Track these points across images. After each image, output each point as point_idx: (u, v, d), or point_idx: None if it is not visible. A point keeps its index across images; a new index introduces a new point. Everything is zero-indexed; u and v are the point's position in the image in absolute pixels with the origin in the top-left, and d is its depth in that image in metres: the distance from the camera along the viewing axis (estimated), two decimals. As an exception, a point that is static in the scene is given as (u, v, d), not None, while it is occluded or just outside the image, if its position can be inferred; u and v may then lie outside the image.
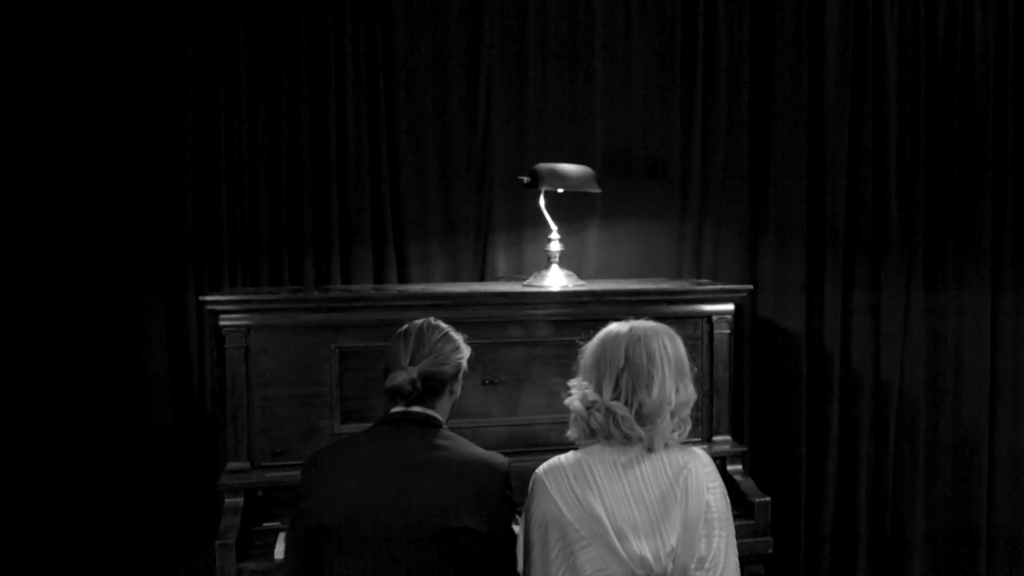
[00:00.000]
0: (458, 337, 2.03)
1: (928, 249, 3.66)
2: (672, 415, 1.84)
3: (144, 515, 3.19)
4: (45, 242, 3.11)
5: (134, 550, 3.19)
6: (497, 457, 1.95)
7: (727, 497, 1.87)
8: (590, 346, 1.90)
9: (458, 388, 2.05)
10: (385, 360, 1.99)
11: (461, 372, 2.03)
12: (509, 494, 1.92)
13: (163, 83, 3.15)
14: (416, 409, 1.95)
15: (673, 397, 1.83)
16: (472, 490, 1.86)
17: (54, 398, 3.14)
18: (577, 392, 1.88)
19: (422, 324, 2.00)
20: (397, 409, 1.96)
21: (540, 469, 1.86)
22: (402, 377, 1.92)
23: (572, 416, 1.89)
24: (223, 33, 3.17)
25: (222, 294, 2.73)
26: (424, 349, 1.95)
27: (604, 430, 1.83)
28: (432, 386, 1.95)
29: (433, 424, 1.96)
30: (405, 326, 2.01)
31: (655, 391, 1.81)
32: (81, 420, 3.16)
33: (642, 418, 1.81)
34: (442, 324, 2.02)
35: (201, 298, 2.72)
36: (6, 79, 3.06)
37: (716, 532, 1.80)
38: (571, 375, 1.94)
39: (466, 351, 2.04)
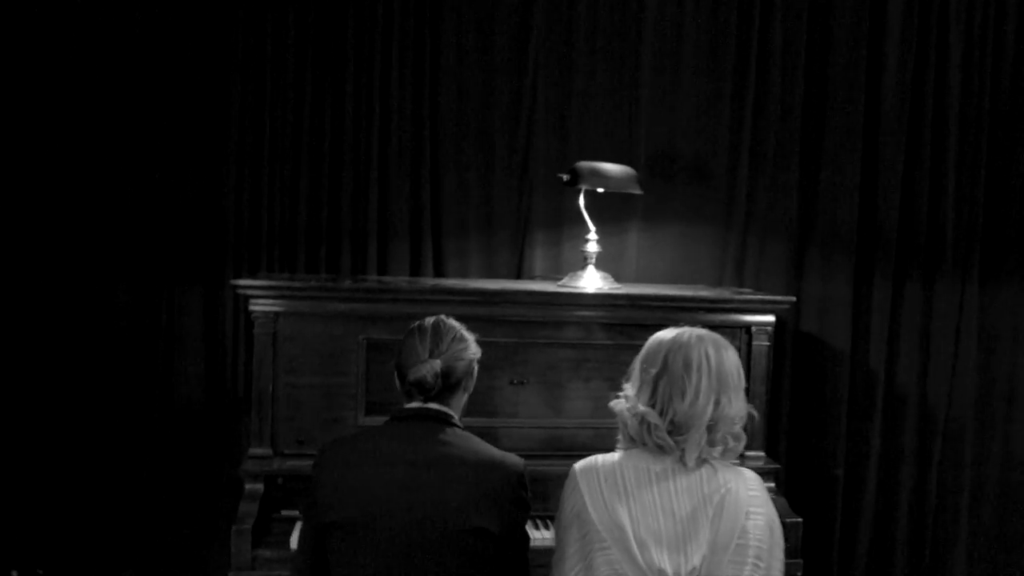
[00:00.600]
0: (469, 336, 2.01)
1: (984, 269, 3.51)
2: (710, 429, 1.75)
3: (174, 497, 3.23)
4: (89, 227, 3.17)
5: (161, 531, 3.23)
6: (512, 458, 1.91)
7: (776, 526, 1.76)
8: (641, 352, 1.85)
9: (471, 385, 2.03)
10: (398, 356, 1.96)
11: (474, 370, 2.02)
12: (523, 495, 1.88)
13: (210, 74, 3.18)
14: (432, 406, 1.93)
15: (709, 409, 1.74)
16: (485, 490, 1.82)
17: (90, 379, 3.18)
18: (623, 396, 1.83)
19: (436, 321, 1.99)
20: (413, 404, 1.94)
21: (577, 465, 1.81)
22: (425, 369, 1.89)
23: (619, 420, 1.84)
24: (272, 24, 3.19)
25: (254, 279, 2.72)
26: (442, 344, 1.93)
27: (639, 437, 1.77)
28: (449, 382, 1.93)
29: (449, 422, 1.93)
30: (417, 322, 1.99)
31: (687, 401, 1.73)
32: (116, 402, 3.20)
33: (675, 427, 1.74)
34: (454, 322, 2.00)
35: (232, 282, 2.72)
36: (46, 70, 3.10)
37: (750, 561, 1.69)
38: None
39: (476, 350, 2.01)
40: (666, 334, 1.82)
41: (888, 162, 3.44)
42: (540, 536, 2.51)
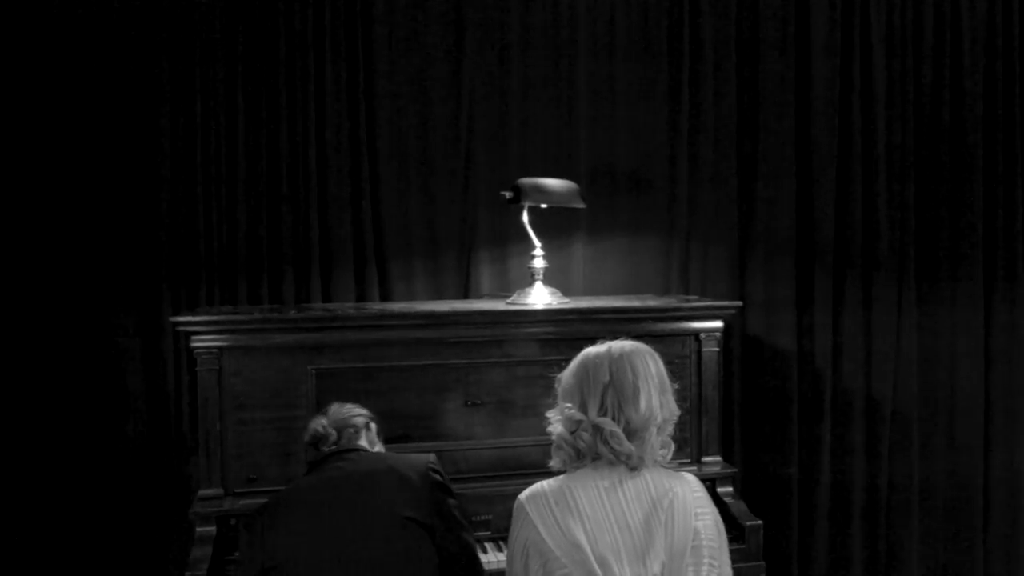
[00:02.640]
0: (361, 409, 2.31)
1: (919, 264, 3.62)
2: (659, 431, 1.81)
3: (119, 542, 3.10)
4: (19, 259, 3.05)
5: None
6: (420, 454, 2.15)
7: (721, 525, 1.81)
8: (568, 371, 1.88)
9: (374, 426, 2.28)
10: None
11: (372, 424, 2.29)
12: (437, 477, 2.07)
13: (139, 99, 3.10)
14: (345, 444, 2.18)
15: (659, 412, 1.81)
16: (400, 480, 2.02)
17: (27, 418, 3.05)
18: (559, 417, 1.84)
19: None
20: (325, 449, 2.17)
21: (523, 495, 1.81)
22: (315, 423, 2.23)
23: (555, 444, 1.85)
24: (201, 47, 3.12)
25: (194, 315, 2.64)
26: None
27: (592, 450, 1.79)
28: (350, 432, 2.21)
29: (361, 451, 2.17)
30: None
31: (642, 405, 1.79)
32: (55, 441, 3.07)
33: (630, 435, 1.78)
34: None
35: (172, 319, 2.64)
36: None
37: (705, 561, 1.74)
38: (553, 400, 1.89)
39: (366, 411, 2.30)
40: (599, 349, 1.87)
41: (821, 171, 3.51)
42: (496, 559, 2.48)
